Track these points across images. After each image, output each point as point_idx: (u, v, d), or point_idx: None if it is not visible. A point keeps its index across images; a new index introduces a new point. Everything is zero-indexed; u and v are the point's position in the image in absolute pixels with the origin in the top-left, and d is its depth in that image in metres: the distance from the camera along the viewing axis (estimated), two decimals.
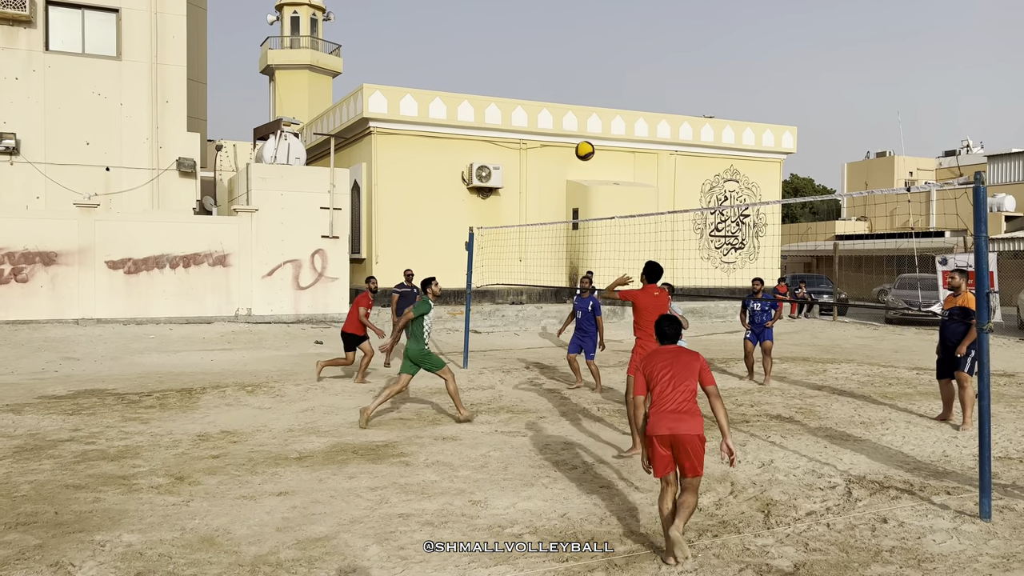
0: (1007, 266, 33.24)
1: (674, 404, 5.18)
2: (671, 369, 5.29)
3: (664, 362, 5.35)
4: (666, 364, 5.33)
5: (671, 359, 5.36)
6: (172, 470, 7.12)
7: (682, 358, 5.34)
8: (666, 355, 5.39)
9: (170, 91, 20.41)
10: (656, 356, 5.43)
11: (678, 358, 5.35)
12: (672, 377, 5.25)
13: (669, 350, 5.44)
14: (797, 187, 62.73)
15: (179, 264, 18.21)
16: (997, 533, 5.62)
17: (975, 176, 5.81)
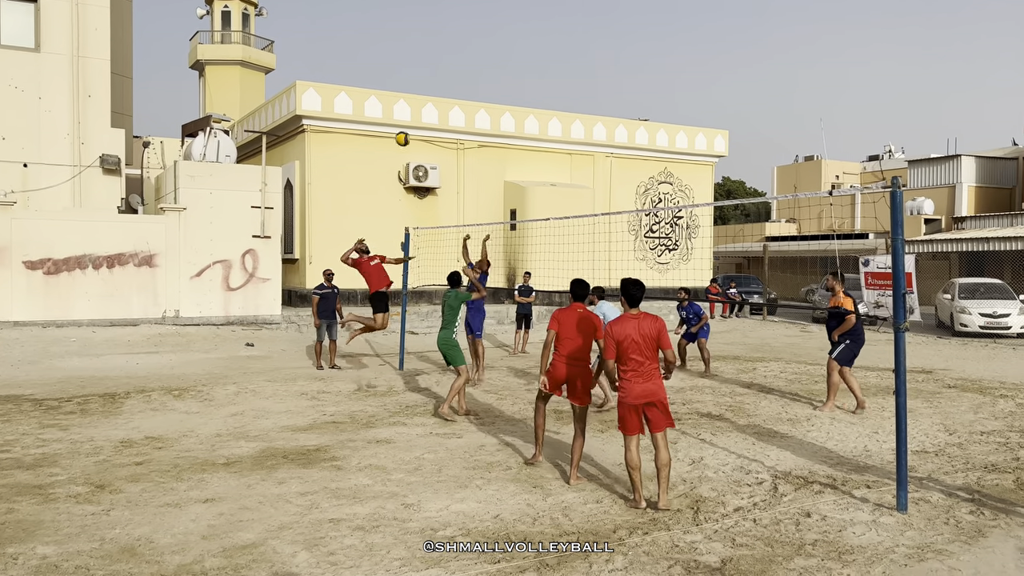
0: (926, 267, 34.60)
1: (646, 374, 5.98)
2: (639, 335, 5.95)
3: (632, 329, 5.96)
4: (634, 331, 5.96)
5: (638, 325, 5.98)
6: (92, 478, 6.86)
7: (647, 324, 5.99)
8: (633, 321, 5.99)
9: (93, 85, 19.70)
10: (625, 322, 6.02)
11: (644, 324, 5.99)
12: (641, 347, 5.93)
13: (635, 316, 6.06)
14: (730, 189, 64.16)
15: (103, 264, 17.59)
16: (913, 524, 5.84)
17: (892, 180, 6.02)
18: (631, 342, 5.98)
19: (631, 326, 6.03)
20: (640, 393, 6.02)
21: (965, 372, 13.97)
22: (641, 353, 6.00)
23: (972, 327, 20.23)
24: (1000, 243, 29.97)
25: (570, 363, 6.99)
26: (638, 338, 5.98)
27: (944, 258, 35.84)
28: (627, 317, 6.11)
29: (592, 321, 7.00)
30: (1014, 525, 5.85)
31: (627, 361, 6.02)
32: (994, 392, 11.77)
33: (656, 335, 6.03)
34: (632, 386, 6.03)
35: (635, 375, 6.01)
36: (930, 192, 38.00)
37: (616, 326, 6.05)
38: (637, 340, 5.98)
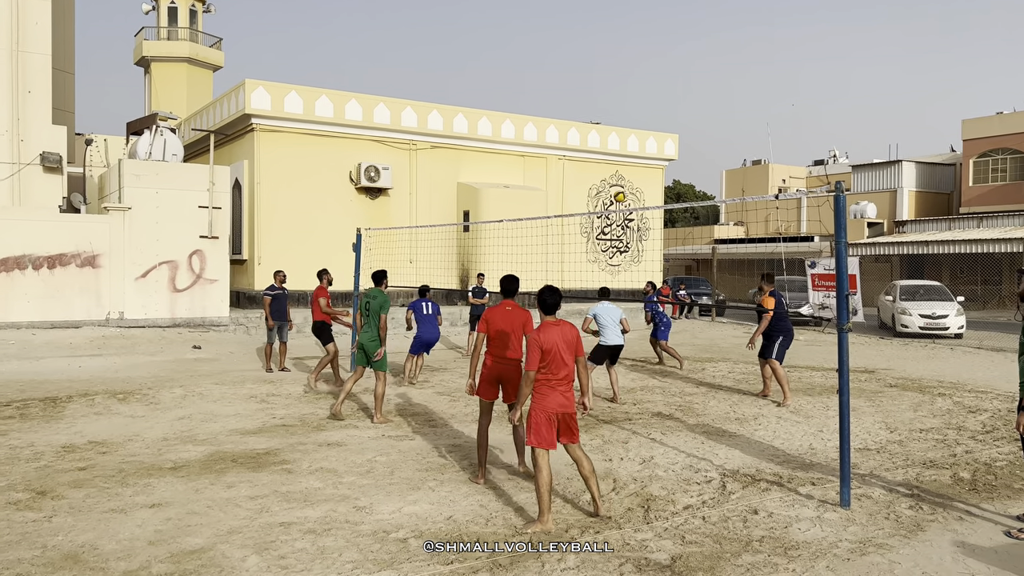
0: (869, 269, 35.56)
1: (563, 382, 5.84)
2: (564, 343, 5.85)
3: (557, 336, 5.84)
4: (560, 338, 5.85)
5: (561, 332, 5.87)
6: (33, 484, 6.68)
7: (566, 332, 5.89)
8: (556, 328, 5.87)
9: (32, 80, 19.12)
10: (549, 329, 5.86)
11: (564, 333, 5.89)
12: (560, 353, 5.81)
13: (557, 324, 5.92)
14: (680, 193, 65.01)
15: (43, 265, 17.07)
16: (855, 520, 6.01)
17: (836, 185, 6.19)
18: (557, 350, 5.78)
19: (556, 333, 5.82)
20: (561, 402, 5.80)
21: (906, 371, 14.40)
22: (564, 361, 5.80)
23: (912, 328, 20.85)
24: (939, 246, 30.96)
25: (502, 362, 6.95)
26: (563, 345, 5.81)
27: (886, 261, 36.91)
28: (550, 324, 5.86)
29: (522, 316, 6.94)
30: (951, 519, 6.06)
31: (551, 369, 5.77)
32: (933, 391, 12.15)
33: (575, 342, 5.88)
34: (554, 394, 5.79)
35: (558, 383, 5.80)
36: (873, 196, 39.09)
37: (542, 334, 5.78)
38: (562, 347, 5.80)
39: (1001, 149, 35.62)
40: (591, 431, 8.99)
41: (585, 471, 5.97)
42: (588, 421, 9.57)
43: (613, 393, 11.17)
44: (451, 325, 21.59)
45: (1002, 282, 32.46)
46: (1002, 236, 28.84)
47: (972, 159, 36.57)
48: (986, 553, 5.37)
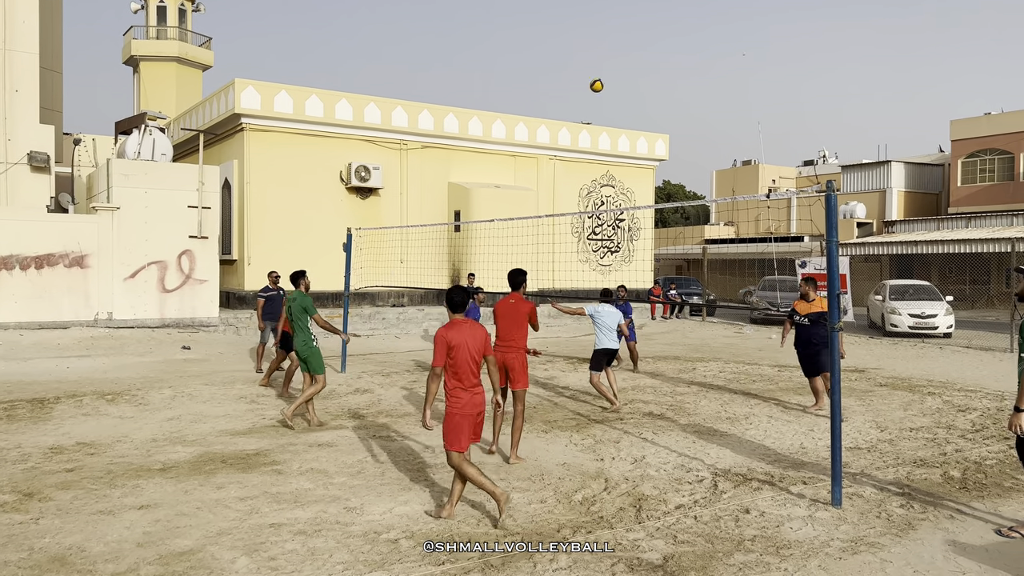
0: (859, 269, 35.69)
1: (475, 385, 5.83)
2: (472, 342, 5.81)
3: (466, 336, 5.80)
4: (469, 337, 5.80)
5: (470, 332, 5.83)
6: (20, 486, 6.61)
7: (476, 332, 5.85)
8: (465, 327, 5.83)
9: (20, 79, 18.98)
10: (458, 328, 5.81)
11: (474, 332, 5.84)
12: (468, 352, 5.77)
13: (465, 323, 5.87)
14: (670, 193, 65.14)
15: (31, 265, 16.94)
16: (847, 519, 6.01)
17: (827, 185, 6.19)
18: (465, 349, 5.75)
19: (465, 332, 5.80)
20: (477, 403, 5.83)
21: (895, 371, 14.45)
22: (474, 361, 5.80)
23: (902, 327, 20.93)
24: (927, 246, 31.10)
25: (507, 350, 7.52)
26: (472, 344, 5.79)
27: (876, 260, 37.07)
28: (459, 323, 5.85)
29: (525, 307, 7.46)
30: (941, 517, 6.07)
31: (459, 369, 5.76)
32: (922, 390, 12.19)
33: (484, 342, 5.88)
34: (468, 396, 5.80)
35: (471, 386, 5.81)
36: (862, 196, 39.26)
37: (451, 331, 5.76)
38: (471, 346, 5.78)
39: (989, 150, 35.83)
40: (582, 431, 8.97)
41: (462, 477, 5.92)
42: (579, 421, 9.56)
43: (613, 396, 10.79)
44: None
45: (990, 282, 32.66)
46: (990, 236, 29.00)
47: (960, 159, 36.77)
48: (977, 551, 5.39)
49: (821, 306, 9.98)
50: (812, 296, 10.15)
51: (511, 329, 7.57)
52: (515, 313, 7.56)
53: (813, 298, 10.15)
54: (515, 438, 7.53)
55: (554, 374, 13.53)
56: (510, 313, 7.58)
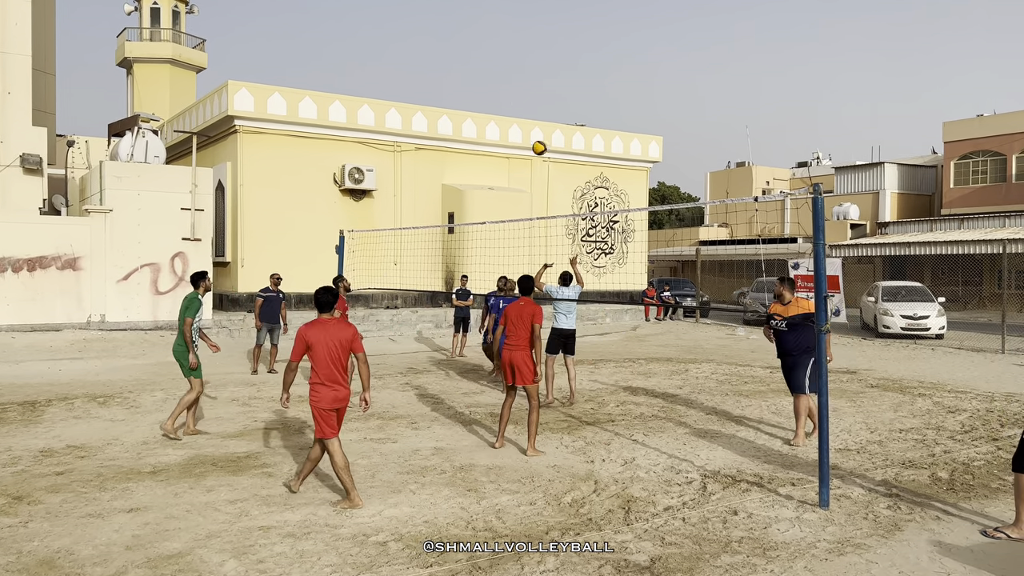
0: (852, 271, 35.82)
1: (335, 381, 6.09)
2: (334, 341, 6.06)
3: (325, 334, 6.06)
4: (328, 336, 6.07)
5: (333, 330, 6.09)
6: (9, 489, 6.61)
7: (339, 331, 6.13)
8: (329, 325, 6.12)
9: (13, 81, 18.95)
10: (319, 326, 6.14)
11: (337, 331, 6.10)
12: (328, 349, 6.03)
13: (330, 322, 6.16)
14: (664, 195, 65.24)
15: (23, 267, 16.91)
16: (834, 520, 6.04)
17: (814, 187, 6.23)
18: (324, 347, 6.04)
19: (328, 330, 6.10)
20: (334, 398, 6.14)
21: (887, 372, 14.50)
22: (334, 359, 6.08)
23: (894, 328, 21.00)
24: (920, 248, 31.19)
25: (513, 349, 8.05)
26: (334, 343, 6.07)
27: (869, 262, 37.17)
28: (322, 321, 6.19)
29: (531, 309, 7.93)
30: (928, 519, 6.11)
31: (319, 366, 6.08)
32: (913, 391, 12.25)
33: (349, 339, 6.15)
34: (326, 391, 6.10)
35: (331, 382, 6.08)
36: (855, 198, 39.37)
37: (311, 330, 6.11)
38: (332, 345, 6.07)
39: (982, 151, 35.98)
40: (573, 432, 9.00)
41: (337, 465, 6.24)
42: (571, 423, 9.59)
43: (570, 392, 11.01)
44: (435, 327, 21.58)
45: (983, 283, 32.79)
46: (983, 237, 29.11)
47: (953, 161, 36.91)
48: (962, 552, 5.42)
49: (799, 307, 8.58)
50: (788, 298, 8.70)
51: (516, 329, 8.05)
52: (522, 314, 8.06)
53: (789, 300, 8.68)
54: (531, 431, 7.99)
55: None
56: (518, 315, 8.07)
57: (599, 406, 10.79)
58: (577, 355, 16.85)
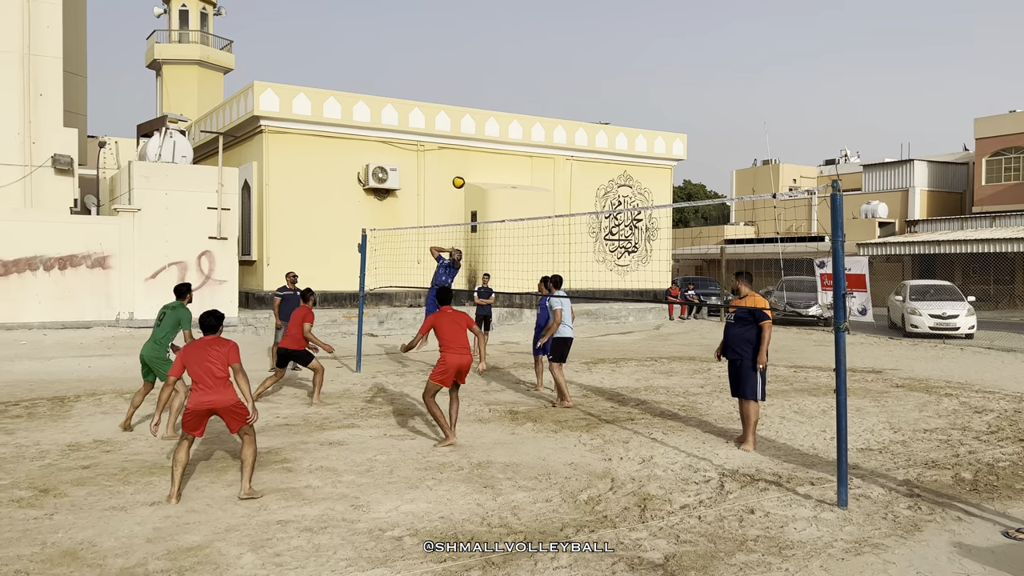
0: (880, 269, 35.39)
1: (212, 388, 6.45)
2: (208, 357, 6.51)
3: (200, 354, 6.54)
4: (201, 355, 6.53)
5: (211, 349, 6.55)
6: (36, 482, 6.75)
7: (213, 347, 6.57)
8: (205, 344, 6.60)
9: (44, 83, 19.31)
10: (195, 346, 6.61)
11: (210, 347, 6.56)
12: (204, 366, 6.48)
13: (208, 340, 6.65)
14: (690, 192, 64.85)
15: (54, 266, 17.24)
16: (852, 520, 5.99)
17: (832, 184, 6.18)
18: (199, 364, 6.46)
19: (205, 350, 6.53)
20: (203, 401, 6.41)
21: (913, 372, 14.32)
22: (208, 372, 6.45)
23: (922, 328, 20.72)
24: (950, 246, 30.74)
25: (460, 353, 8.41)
26: (214, 359, 6.49)
27: (897, 260, 36.70)
28: (202, 340, 6.64)
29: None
30: (948, 519, 6.03)
31: (196, 378, 6.48)
32: (939, 391, 12.08)
33: (226, 355, 6.54)
34: (198, 396, 6.44)
35: (204, 388, 6.43)
36: (884, 196, 38.87)
37: (188, 349, 6.60)
38: (212, 360, 6.47)
39: (1014, 148, 35.35)
40: (592, 431, 9.00)
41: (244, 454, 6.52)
42: (589, 421, 9.58)
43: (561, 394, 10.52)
44: None
45: (1015, 282, 32.21)
46: (1015, 235, 28.60)
47: (985, 158, 36.30)
48: (982, 553, 5.35)
49: (754, 303, 8.24)
50: (744, 291, 8.36)
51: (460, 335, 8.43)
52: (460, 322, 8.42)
53: (745, 294, 8.35)
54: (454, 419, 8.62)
55: (567, 375, 13.54)
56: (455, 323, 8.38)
57: (619, 404, 10.77)
58: (600, 353, 16.88)
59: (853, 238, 34.50)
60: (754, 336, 8.20)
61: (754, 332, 8.23)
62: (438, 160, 23.38)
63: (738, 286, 8.46)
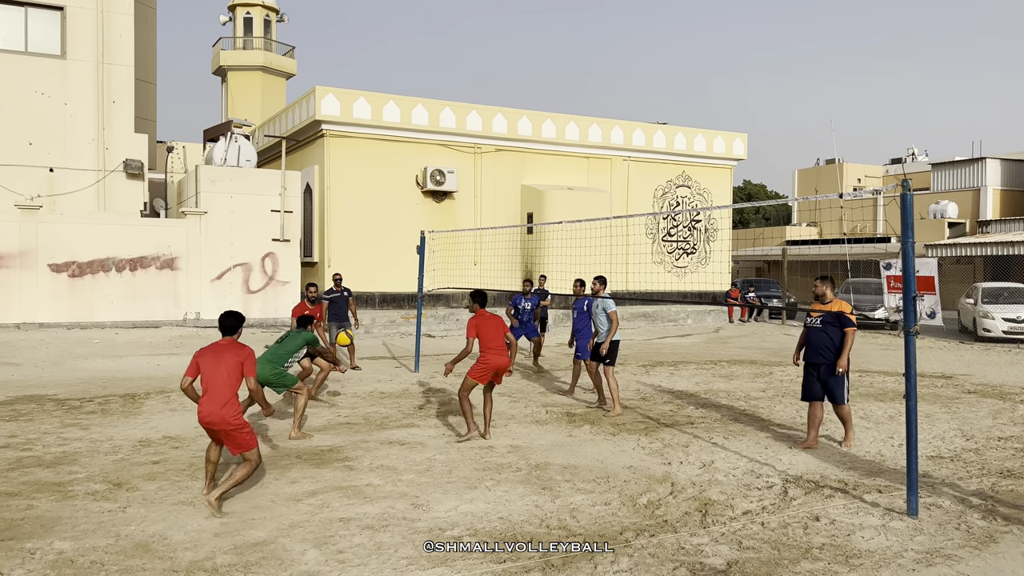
0: (950, 271, 34.22)
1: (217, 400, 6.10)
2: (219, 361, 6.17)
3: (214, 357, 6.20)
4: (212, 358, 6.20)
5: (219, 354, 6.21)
6: (110, 476, 7.00)
7: (229, 353, 6.22)
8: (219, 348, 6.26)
9: (117, 91, 20.02)
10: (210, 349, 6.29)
11: (226, 353, 6.22)
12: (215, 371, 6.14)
13: (225, 345, 6.30)
14: (751, 193, 63.79)
15: (125, 267, 17.86)
16: (923, 529, 5.81)
17: (903, 183, 6.00)
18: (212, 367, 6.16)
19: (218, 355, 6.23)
20: (204, 417, 6.15)
21: (986, 377, 13.81)
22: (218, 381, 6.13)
23: (995, 332, 19.97)
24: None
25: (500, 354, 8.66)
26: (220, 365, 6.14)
27: (968, 262, 35.44)
28: (216, 344, 6.33)
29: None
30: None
31: (206, 384, 6.19)
32: (1015, 398, 11.63)
33: (242, 361, 6.21)
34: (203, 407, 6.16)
35: (210, 398, 6.13)
36: (954, 195, 37.58)
37: (203, 353, 6.28)
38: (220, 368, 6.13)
39: None
40: (651, 434, 8.91)
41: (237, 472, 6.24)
42: (648, 424, 9.50)
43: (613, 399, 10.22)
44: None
45: None
46: None
47: None
48: None
49: (840, 308, 8.20)
50: (829, 296, 8.31)
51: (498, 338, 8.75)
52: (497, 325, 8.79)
53: (830, 298, 8.31)
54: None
55: (626, 377, 13.45)
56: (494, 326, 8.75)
57: (678, 408, 10.65)
58: (658, 356, 16.72)
59: (921, 239, 33.47)
60: (841, 341, 8.20)
61: (841, 337, 8.17)
62: (495, 162, 23.47)
63: (824, 290, 8.42)
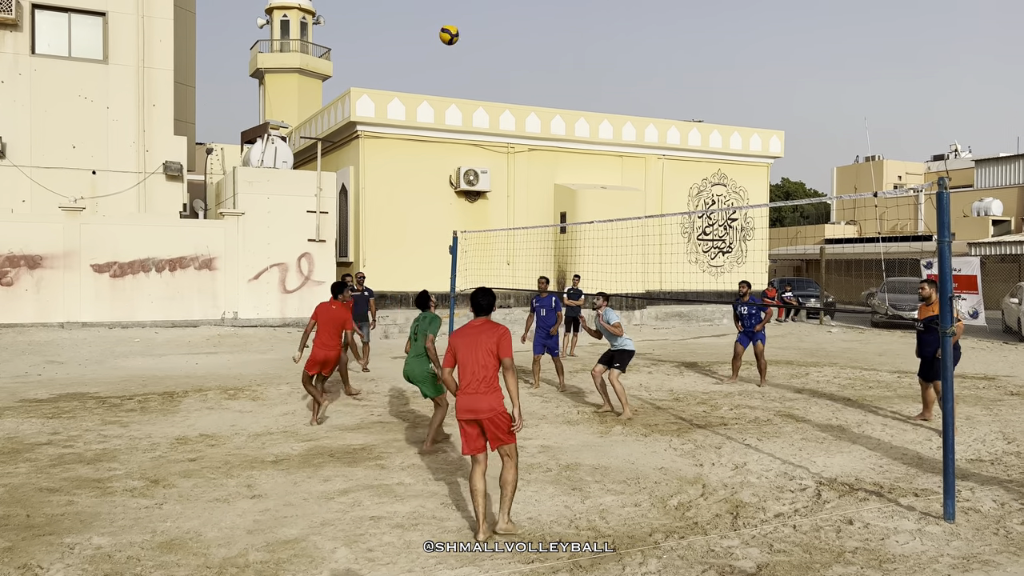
0: (994, 270, 33.47)
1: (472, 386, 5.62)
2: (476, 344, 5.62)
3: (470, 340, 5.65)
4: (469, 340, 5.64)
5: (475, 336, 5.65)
6: (148, 473, 7.14)
7: (485, 333, 5.65)
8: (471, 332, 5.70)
9: (157, 94, 20.42)
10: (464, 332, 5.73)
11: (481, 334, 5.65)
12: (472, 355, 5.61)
13: (475, 325, 5.74)
14: (788, 191, 62.94)
15: (165, 268, 18.20)
16: (960, 534, 5.69)
17: (939, 181, 5.89)
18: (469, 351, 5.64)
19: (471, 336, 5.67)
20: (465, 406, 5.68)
21: None
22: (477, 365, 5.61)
23: None
24: None
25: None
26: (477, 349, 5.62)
27: (1013, 260, 34.61)
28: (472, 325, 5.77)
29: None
30: None
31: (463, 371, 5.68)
32: None
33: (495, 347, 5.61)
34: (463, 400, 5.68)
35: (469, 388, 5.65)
36: (999, 192, 36.75)
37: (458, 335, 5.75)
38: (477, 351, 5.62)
39: None
40: (683, 435, 8.85)
41: None
42: (681, 425, 9.43)
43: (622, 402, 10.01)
44: None
45: None
46: None
47: None
48: None
49: (933, 310, 9.19)
50: (934, 298, 9.29)
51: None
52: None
53: (933, 301, 9.42)
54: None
55: (659, 378, 13.37)
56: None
57: (712, 409, 10.56)
58: (692, 356, 16.58)
59: (964, 237, 32.77)
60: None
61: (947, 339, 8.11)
62: (528, 162, 23.48)
63: (930, 293, 8.66)
